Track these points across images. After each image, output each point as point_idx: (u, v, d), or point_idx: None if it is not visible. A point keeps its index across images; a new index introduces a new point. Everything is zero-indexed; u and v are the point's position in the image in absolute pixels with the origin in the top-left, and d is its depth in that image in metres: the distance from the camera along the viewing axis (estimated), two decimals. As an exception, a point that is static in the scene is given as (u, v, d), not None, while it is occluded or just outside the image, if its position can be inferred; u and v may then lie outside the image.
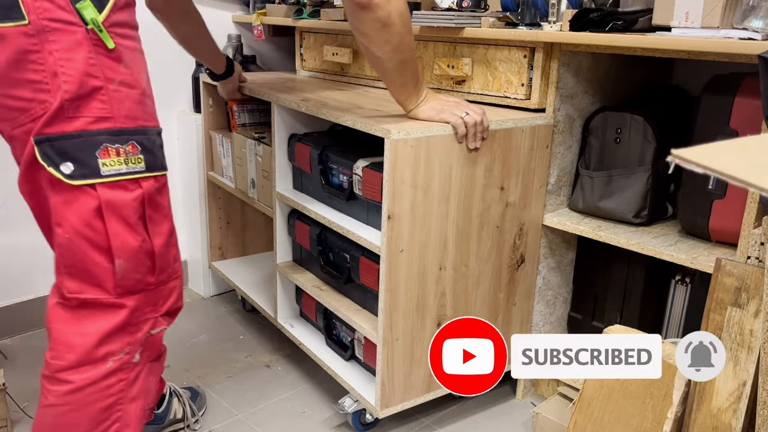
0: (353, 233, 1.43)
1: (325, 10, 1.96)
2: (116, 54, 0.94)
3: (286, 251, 1.79)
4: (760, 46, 1.13)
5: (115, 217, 0.96)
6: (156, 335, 1.06)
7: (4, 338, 1.95)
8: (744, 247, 1.26)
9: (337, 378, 1.57)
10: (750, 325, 1.06)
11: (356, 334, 1.57)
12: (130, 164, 0.96)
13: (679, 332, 1.63)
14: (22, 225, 1.93)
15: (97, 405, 1.01)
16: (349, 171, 1.46)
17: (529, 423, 1.61)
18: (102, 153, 0.93)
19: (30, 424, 1.55)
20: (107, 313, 1.00)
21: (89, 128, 0.93)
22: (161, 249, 1.02)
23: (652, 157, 1.48)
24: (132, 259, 0.99)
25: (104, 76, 0.93)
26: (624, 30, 1.39)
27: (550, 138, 1.53)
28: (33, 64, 0.89)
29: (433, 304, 1.44)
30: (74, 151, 0.92)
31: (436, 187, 1.35)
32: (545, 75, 1.49)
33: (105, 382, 1.01)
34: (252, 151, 1.82)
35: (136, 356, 1.03)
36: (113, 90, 0.94)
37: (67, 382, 0.99)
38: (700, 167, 0.49)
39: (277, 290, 1.79)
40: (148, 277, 1.02)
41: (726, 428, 1.06)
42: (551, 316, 1.73)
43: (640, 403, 1.15)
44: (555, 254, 1.67)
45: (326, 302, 1.60)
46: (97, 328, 0.99)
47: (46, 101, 0.90)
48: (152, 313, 1.05)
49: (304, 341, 1.71)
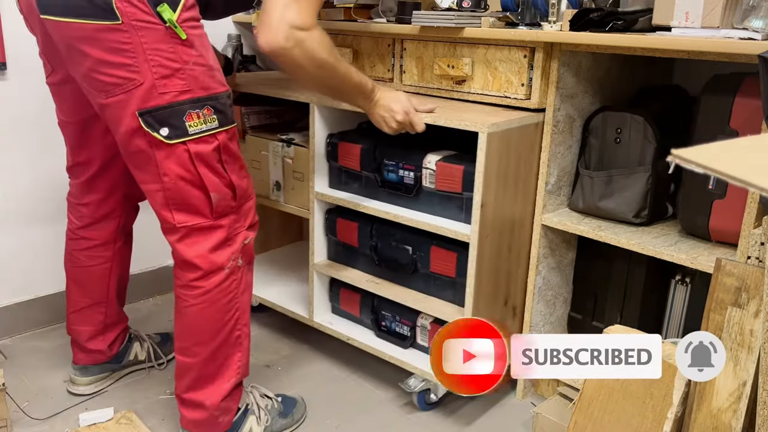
0: (429, 224, 1.52)
1: (325, 9, 1.95)
2: (188, 42, 1.23)
3: (322, 251, 1.82)
4: (760, 46, 1.13)
5: (203, 162, 1.27)
6: (247, 245, 1.38)
7: (4, 338, 1.95)
8: (744, 247, 1.26)
9: (401, 364, 1.65)
10: (750, 325, 1.06)
11: (419, 322, 1.65)
12: (207, 123, 1.27)
13: (679, 332, 1.63)
14: (22, 225, 1.93)
15: (222, 300, 1.35)
16: (413, 166, 1.56)
17: (529, 423, 1.61)
18: (188, 117, 1.24)
19: (30, 424, 1.56)
20: (211, 233, 1.32)
21: (176, 99, 1.22)
22: (237, 181, 1.34)
23: (652, 157, 1.48)
24: (219, 191, 1.31)
25: (181, 60, 1.22)
26: (624, 30, 1.39)
27: (549, 138, 1.53)
28: (127, 53, 1.18)
29: (503, 284, 1.57)
30: (168, 119, 1.23)
31: (511, 174, 1.48)
32: (545, 75, 1.49)
33: (225, 284, 1.35)
34: (278, 153, 1.81)
35: (239, 261, 1.36)
36: (189, 69, 1.23)
37: (199, 287, 1.33)
38: (700, 167, 0.50)
39: (314, 289, 1.82)
40: (232, 202, 1.34)
41: (726, 428, 1.06)
42: (551, 316, 1.73)
43: (640, 403, 1.15)
44: (555, 254, 1.67)
45: (386, 294, 1.66)
46: (209, 245, 1.32)
47: (136, 79, 1.20)
48: (241, 228, 1.37)
49: (352, 335, 1.76)
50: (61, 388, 1.71)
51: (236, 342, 1.41)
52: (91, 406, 1.64)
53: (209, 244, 1.32)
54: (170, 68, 1.21)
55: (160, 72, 1.20)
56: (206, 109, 1.25)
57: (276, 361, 1.88)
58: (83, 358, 1.67)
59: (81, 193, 1.56)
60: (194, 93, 1.24)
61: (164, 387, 1.73)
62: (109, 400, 1.67)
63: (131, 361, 1.77)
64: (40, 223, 1.96)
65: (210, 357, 1.38)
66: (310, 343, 1.97)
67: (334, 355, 1.90)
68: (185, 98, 1.23)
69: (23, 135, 1.88)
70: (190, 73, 1.23)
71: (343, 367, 1.85)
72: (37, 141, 1.90)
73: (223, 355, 1.39)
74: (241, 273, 1.38)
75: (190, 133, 1.24)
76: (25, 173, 1.91)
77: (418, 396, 1.64)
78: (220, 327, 1.37)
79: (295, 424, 1.59)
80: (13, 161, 1.88)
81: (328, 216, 1.77)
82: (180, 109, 1.23)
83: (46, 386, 1.72)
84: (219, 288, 1.34)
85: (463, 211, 1.49)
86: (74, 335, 1.66)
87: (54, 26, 1.20)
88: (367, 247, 1.69)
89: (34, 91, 1.87)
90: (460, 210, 1.50)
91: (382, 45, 1.79)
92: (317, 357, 1.90)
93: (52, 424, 1.57)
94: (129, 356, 1.75)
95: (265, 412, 1.53)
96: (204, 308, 1.34)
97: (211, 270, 1.33)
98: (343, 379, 1.80)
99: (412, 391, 1.61)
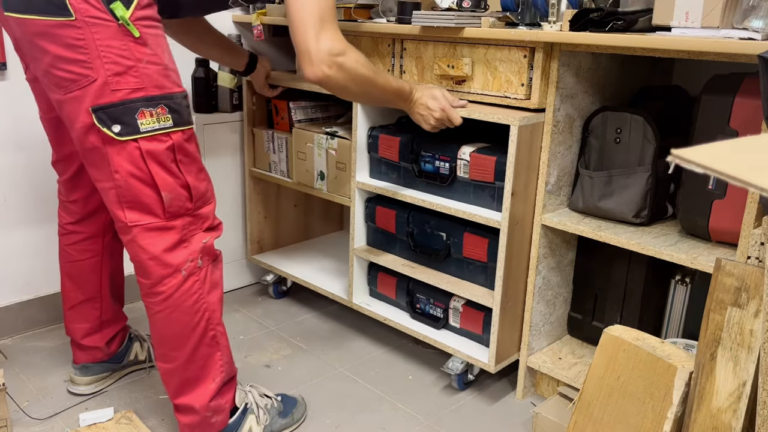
0: (464, 212, 1.61)
1: (325, 10, 1.95)
2: (142, 40, 1.24)
3: (361, 237, 1.92)
4: (760, 46, 1.13)
5: (155, 161, 1.27)
6: (207, 244, 1.37)
7: (4, 338, 1.95)
8: (744, 247, 1.26)
9: (434, 343, 1.76)
10: (750, 325, 1.06)
11: (452, 304, 1.75)
12: (161, 122, 1.27)
13: (679, 332, 1.63)
14: (22, 225, 1.93)
15: (186, 303, 1.35)
16: (449, 157, 1.65)
17: (529, 423, 1.61)
18: (140, 115, 1.25)
19: (30, 424, 1.56)
20: (164, 233, 1.32)
21: (128, 97, 1.23)
22: (194, 183, 1.34)
23: (652, 157, 1.48)
24: (173, 191, 1.30)
25: (134, 57, 1.23)
26: (624, 30, 1.39)
27: (549, 138, 1.53)
28: (81, 49, 1.20)
29: (524, 268, 1.64)
30: (121, 116, 1.23)
31: (535, 164, 1.55)
32: (545, 75, 1.49)
33: (185, 286, 1.34)
34: (322, 145, 1.91)
35: (199, 262, 1.35)
36: (143, 67, 1.24)
37: (159, 293, 1.33)
38: (700, 167, 0.49)
39: (354, 273, 1.93)
40: (188, 203, 1.33)
41: (726, 428, 1.06)
42: (551, 316, 1.73)
43: (640, 403, 1.15)
44: (555, 254, 1.67)
45: (421, 278, 1.76)
46: (162, 246, 1.31)
47: (90, 75, 1.21)
48: (197, 230, 1.36)
49: (388, 316, 1.87)
50: (61, 388, 1.71)
51: (212, 342, 1.41)
52: (91, 406, 1.64)
53: (162, 245, 1.31)
54: (123, 65, 1.22)
55: (112, 69, 1.21)
56: (160, 107, 1.26)
57: (276, 361, 1.88)
58: (82, 356, 1.67)
59: (68, 191, 1.57)
60: (147, 91, 1.25)
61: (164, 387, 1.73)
62: (109, 400, 1.67)
63: (131, 361, 1.77)
64: (40, 223, 1.96)
65: (188, 360, 1.38)
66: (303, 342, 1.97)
67: (331, 354, 1.91)
68: (138, 96, 1.24)
69: (23, 135, 1.88)
70: (143, 71, 1.24)
71: (345, 367, 1.86)
72: (37, 141, 1.90)
73: (201, 357, 1.39)
74: (204, 273, 1.37)
75: (141, 131, 1.25)
76: (24, 173, 1.91)
77: (458, 378, 1.74)
78: (190, 330, 1.37)
79: (295, 423, 1.59)
80: (13, 161, 1.88)
81: (367, 204, 1.88)
82: (132, 107, 1.24)
83: (46, 386, 1.72)
84: (180, 291, 1.34)
85: (495, 199, 1.59)
86: (71, 333, 1.66)
87: (16, 23, 1.23)
88: (404, 233, 1.81)
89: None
90: (492, 199, 1.60)
91: (382, 45, 1.79)
92: (313, 356, 1.91)
93: (52, 424, 1.57)
94: (129, 356, 1.76)
95: (264, 411, 1.53)
96: (169, 313, 1.35)
97: (167, 273, 1.32)
98: (345, 378, 1.80)
99: (454, 373, 1.71)
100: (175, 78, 1.31)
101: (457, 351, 1.70)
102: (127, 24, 1.21)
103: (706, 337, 1.10)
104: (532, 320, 1.66)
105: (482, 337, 1.71)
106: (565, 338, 1.80)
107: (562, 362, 1.68)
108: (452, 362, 1.73)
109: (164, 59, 1.29)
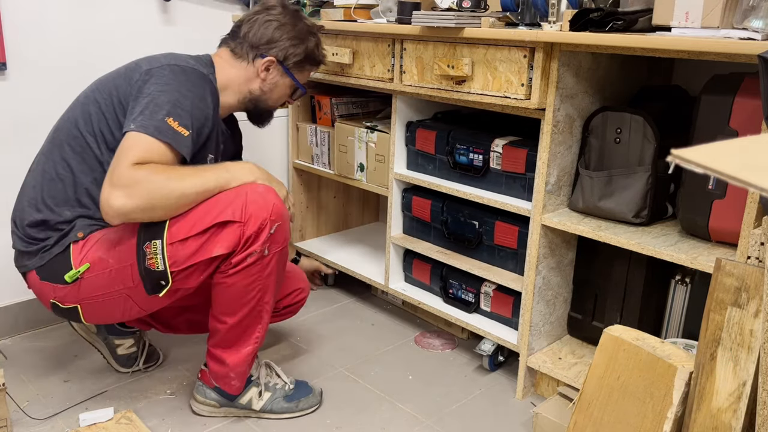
0: (496, 201, 1.69)
1: (325, 10, 1.96)
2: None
3: (398, 225, 2.02)
4: (760, 46, 1.13)
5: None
6: (274, 234, 1.44)
7: (4, 338, 1.95)
8: (744, 247, 1.26)
9: (466, 326, 1.86)
10: (750, 325, 1.06)
11: (483, 289, 1.84)
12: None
13: (679, 332, 1.63)
14: (22, 225, 1.93)
15: (245, 281, 1.45)
16: (482, 150, 1.74)
17: (529, 423, 1.61)
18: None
19: (30, 424, 1.56)
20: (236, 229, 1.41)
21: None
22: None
23: (652, 157, 1.48)
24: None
25: None
26: (624, 30, 1.39)
27: (549, 138, 1.53)
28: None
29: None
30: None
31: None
32: (545, 75, 1.49)
33: (251, 269, 1.44)
34: (363, 138, 2.02)
35: (266, 251, 1.44)
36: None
37: (224, 272, 1.43)
38: (700, 167, 0.49)
39: (390, 260, 2.03)
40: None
41: (726, 428, 1.06)
42: (551, 316, 1.73)
43: (640, 403, 1.14)
44: (555, 254, 1.67)
45: (454, 264, 1.85)
46: (235, 240, 1.40)
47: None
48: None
49: (423, 301, 1.96)
50: (61, 388, 1.71)
51: (258, 315, 1.52)
52: (91, 406, 1.64)
53: (235, 239, 1.41)
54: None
55: None
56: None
57: (276, 361, 1.88)
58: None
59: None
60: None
61: (164, 387, 1.73)
62: (109, 400, 1.67)
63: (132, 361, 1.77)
64: (40, 223, 1.95)
65: (234, 326, 1.50)
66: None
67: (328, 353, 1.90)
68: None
69: (23, 135, 1.88)
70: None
71: (347, 366, 1.86)
72: (37, 141, 1.89)
73: (244, 326, 1.51)
74: (267, 261, 1.46)
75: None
76: (25, 173, 1.90)
77: (489, 359, 1.82)
78: (244, 303, 1.48)
79: (297, 411, 1.61)
80: (13, 161, 1.88)
81: (404, 194, 1.99)
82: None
83: (46, 386, 1.72)
84: (244, 272, 1.44)
85: (526, 189, 1.66)
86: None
87: None
88: (439, 222, 1.91)
89: (34, 91, 1.87)
90: (523, 189, 1.68)
91: (382, 45, 1.79)
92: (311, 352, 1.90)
93: (52, 424, 1.57)
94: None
95: (269, 389, 1.60)
96: (229, 286, 1.46)
97: (237, 262, 1.43)
98: (345, 378, 1.80)
99: (486, 354, 1.79)
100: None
101: (488, 333, 1.78)
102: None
103: (706, 337, 1.10)
104: (532, 320, 1.66)
105: (511, 320, 1.78)
106: (565, 338, 1.80)
107: (562, 362, 1.68)
108: (484, 344, 1.81)
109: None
